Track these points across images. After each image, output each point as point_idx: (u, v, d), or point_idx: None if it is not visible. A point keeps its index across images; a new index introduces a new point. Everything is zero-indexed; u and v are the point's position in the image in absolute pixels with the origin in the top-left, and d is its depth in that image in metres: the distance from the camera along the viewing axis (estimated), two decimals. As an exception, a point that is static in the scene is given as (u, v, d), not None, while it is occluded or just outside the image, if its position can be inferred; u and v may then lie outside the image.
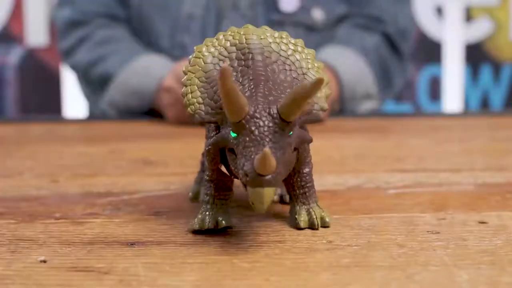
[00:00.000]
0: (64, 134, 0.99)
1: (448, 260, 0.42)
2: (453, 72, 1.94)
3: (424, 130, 0.99)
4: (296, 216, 0.48)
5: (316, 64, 0.48)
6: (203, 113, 0.46)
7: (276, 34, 0.48)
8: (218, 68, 0.46)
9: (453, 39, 1.94)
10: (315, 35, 1.13)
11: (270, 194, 0.41)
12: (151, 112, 1.11)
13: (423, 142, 0.87)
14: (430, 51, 1.94)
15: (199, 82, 0.46)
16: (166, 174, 0.68)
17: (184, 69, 0.47)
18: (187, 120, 0.99)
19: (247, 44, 0.47)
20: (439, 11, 1.94)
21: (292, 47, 0.48)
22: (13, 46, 1.89)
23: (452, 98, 1.96)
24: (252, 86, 0.45)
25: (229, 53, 0.47)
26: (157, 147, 0.86)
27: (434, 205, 0.55)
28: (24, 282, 0.39)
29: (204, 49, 0.47)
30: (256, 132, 0.42)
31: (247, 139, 0.42)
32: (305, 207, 0.49)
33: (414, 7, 1.35)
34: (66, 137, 0.96)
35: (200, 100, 0.46)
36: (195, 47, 0.48)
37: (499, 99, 1.95)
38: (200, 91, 0.46)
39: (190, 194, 0.56)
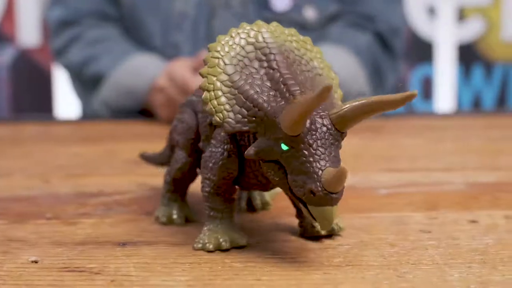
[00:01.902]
0: (58, 134, 0.99)
1: (439, 259, 0.42)
2: (445, 71, 1.94)
3: (417, 130, 0.99)
4: (315, 225, 0.46)
5: (325, 63, 0.46)
6: (233, 121, 0.41)
7: (287, 31, 0.46)
8: (238, 69, 0.43)
9: (445, 39, 1.95)
10: (307, 33, 1.13)
11: (336, 211, 0.39)
12: (144, 111, 1.11)
13: (416, 142, 0.88)
14: (422, 51, 1.94)
15: (224, 86, 0.42)
16: (159, 175, 0.68)
17: (202, 71, 0.43)
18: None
19: (266, 43, 0.44)
20: (431, 11, 1.94)
21: (303, 46, 0.46)
22: (5, 46, 1.89)
23: (444, 97, 1.96)
24: (287, 94, 0.41)
25: (247, 52, 0.43)
26: (150, 147, 0.85)
27: (426, 204, 0.56)
28: (15, 282, 0.39)
29: (219, 48, 0.43)
30: (315, 146, 0.39)
31: (306, 153, 0.39)
32: None
33: (406, 7, 1.35)
34: (59, 138, 0.96)
35: (228, 107, 0.42)
36: (209, 46, 0.43)
37: (491, 98, 1.96)
38: (226, 97, 0.42)
39: (164, 219, 0.50)
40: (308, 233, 0.46)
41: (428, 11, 1.95)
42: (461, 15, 1.95)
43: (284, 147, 0.40)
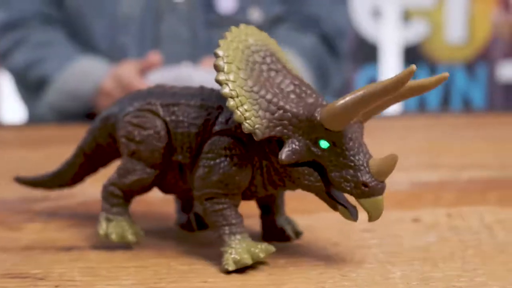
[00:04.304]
0: (2, 138, 0.98)
1: (382, 257, 0.43)
2: (390, 72, 1.97)
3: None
4: (285, 229, 0.46)
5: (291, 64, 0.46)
6: (263, 127, 0.40)
7: (263, 34, 0.45)
8: (249, 74, 0.41)
9: (390, 41, 1.97)
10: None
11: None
12: (90, 115, 1.10)
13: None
14: (368, 52, 1.97)
15: (244, 92, 0.40)
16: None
17: (219, 79, 0.40)
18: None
19: (259, 45, 0.43)
20: (376, 12, 1.97)
21: (278, 48, 0.45)
22: None
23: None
24: (303, 94, 0.41)
25: (248, 56, 0.42)
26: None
27: (370, 204, 0.56)
28: (-43, 290, 0.39)
29: (226, 53, 0.41)
30: (354, 138, 0.39)
31: (350, 146, 0.39)
32: (284, 217, 0.47)
33: (351, 9, 1.37)
34: (4, 142, 0.95)
35: (254, 113, 0.40)
36: (215, 52, 0.41)
37: (435, 99, 1.99)
38: (250, 102, 0.40)
39: (114, 236, 0.45)
40: (275, 237, 0.46)
41: (373, 13, 1.97)
42: (406, 17, 1.98)
43: (324, 145, 0.39)
